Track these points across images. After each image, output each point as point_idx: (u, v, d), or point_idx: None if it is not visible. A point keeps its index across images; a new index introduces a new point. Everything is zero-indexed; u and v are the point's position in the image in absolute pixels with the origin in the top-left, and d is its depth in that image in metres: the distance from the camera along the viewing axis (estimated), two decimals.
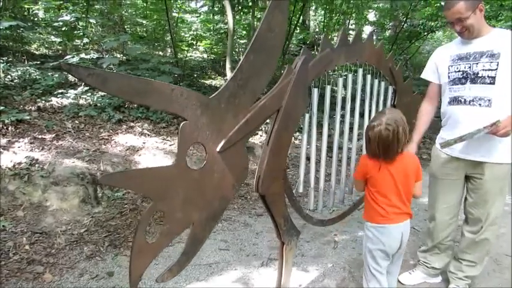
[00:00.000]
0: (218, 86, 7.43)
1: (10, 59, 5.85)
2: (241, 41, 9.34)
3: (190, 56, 9.35)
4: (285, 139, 1.83)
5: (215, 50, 9.38)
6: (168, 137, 4.51)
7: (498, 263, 2.73)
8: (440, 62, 2.23)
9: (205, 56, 9.66)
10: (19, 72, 5.38)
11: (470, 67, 2.04)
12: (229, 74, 5.25)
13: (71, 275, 2.38)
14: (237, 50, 8.94)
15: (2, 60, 5.36)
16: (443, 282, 2.48)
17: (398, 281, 2.43)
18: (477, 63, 2.01)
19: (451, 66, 2.14)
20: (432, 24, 9.56)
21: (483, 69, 1.99)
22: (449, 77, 2.15)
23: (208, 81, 7.67)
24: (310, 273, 2.53)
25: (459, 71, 2.09)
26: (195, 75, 7.97)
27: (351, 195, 2.52)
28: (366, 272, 2.00)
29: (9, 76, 5.25)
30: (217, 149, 1.53)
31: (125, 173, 1.34)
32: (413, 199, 1.93)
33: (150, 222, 1.20)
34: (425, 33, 9.89)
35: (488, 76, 1.97)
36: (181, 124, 1.39)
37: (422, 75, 2.38)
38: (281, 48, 1.75)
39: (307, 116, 2.00)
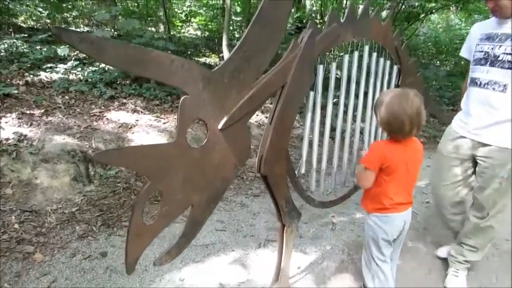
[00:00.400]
0: (213, 64, 7.25)
1: None
2: (237, 18, 9.09)
3: (184, 32, 9.10)
4: (289, 117, 1.74)
5: (209, 26, 9.13)
6: (161, 115, 4.38)
7: (497, 247, 2.72)
8: (472, 40, 2.16)
9: (198, 33, 9.41)
10: (5, 45, 5.16)
11: (493, 48, 1.96)
12: (225, 51, 5.10)
13: (63, 255, 2.30)
14: (231, 27, 8.70)
15: None
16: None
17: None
18: (500, 46, 1.93)
19: (478, 45, 2.06)
20: (430, 6, 9.41)
21: (504, 53, 1.90)
22: (473, 56, 2.09)
23: (202, 59, 7.48)
24: (309, 255, 2.49)
25: (482, 51, 2.02)
26: (189, 53, 7.76)
27: (352, 177, 2.45)
28: (368, 261, 1.93)
29: None
30: (219, 127, 1.43)
31: (121, 150, 1.24)
32: None
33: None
34: (424, 15, 9.75)
35: (508, 61, 1.88)
36: (182, 98, 1.29)
37: (460, 53, 2.29)
38: (286, 20, 1.64)
39: (311, 93, 1.91)
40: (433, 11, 9.80)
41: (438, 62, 12.22)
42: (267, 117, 5.03)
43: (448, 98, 8.07)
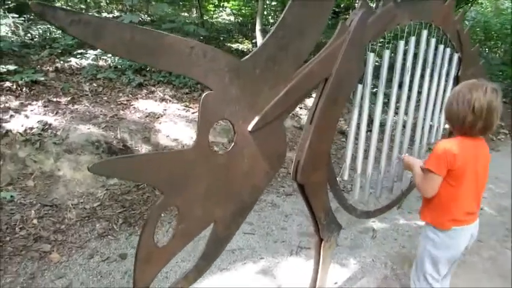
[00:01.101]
0: (245, 50, 6.98)
1: (31, 17, 5.59)
2: (272, 3, 8.71)
3: (216, 17, 8.87)
4: (332, 115, 1.46)
5: (243, 11, 8.83)
6: (190, 104, 4.19)
7: None
8: None
9: (232, 18, 9.14)
10: (40, 31, 5.13)
11: None
12: (259, 37, 4.81)
13: (80, 255, 2.16)
14: (265, 12, 8.35)
15: (23, 18, 5.10)
16: None
17: None
18: None
19: None
20: None
21: None
22: None
23: (235, 45, 7.22)
24: (347, 269, 2.22)
25: None
26: (222, 39, 7.53)
27: (400, 182, 2.14)
28: (418, 277, 1.66)
29: (29, 34, 5.00)
30: (249, 128, 1.18)
31: (128, 159, 1.02)
32: None
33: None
34: None
35: None
36: (204, 95, 1.05)
37: None
38: None
39: (359, 86, 1.61)
40: None
41: (487, 49, 11.36)
42: (301, 108, 4.72)
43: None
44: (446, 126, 2.40)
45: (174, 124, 3.67)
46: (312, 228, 1.70)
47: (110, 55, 4.76)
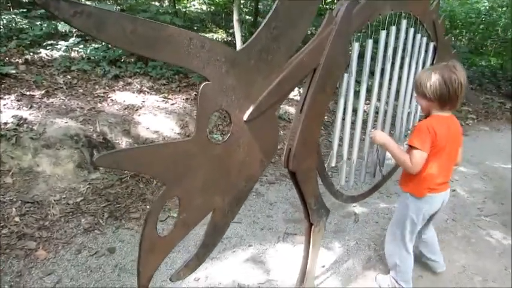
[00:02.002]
0: (220, 40, 6.94)
1: None
2: None
3: (189, 7, 8.74)
4: (322, 104, 1.51)
5: (216, 0, 8.73)
6: (169, 95, 4.14)
7: None
8: None
9: (204, 7, 9.03)
10: (4, 21, 4.89)
11: None
12: (236, 27, 4.78)
13: (68, 251, 2.13)
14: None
15: None
16: None
17: None
18: None
19: None
20: None
21: None
22: None
23: (209, 35, 7.15)
24: (333, 252, 2.30)
25: None
26: (195, 28, 7.43)
27: (381, 166, 2.23)
28: (394, 237, 1.93)
29: None
30: (244, 118, 1.21)
31: (129, 151, 1.03)
32: None
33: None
34: None
35: None
36: (202, 85, 1.06)
37: None
38: None
39: (345, 75, 1.66)
40: None
41: (453, 38, 11.75)
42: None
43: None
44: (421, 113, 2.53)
45: (154, 116, 3.62)
46: (297, 215, 1.76)
47: (81, 46, 4.62)
